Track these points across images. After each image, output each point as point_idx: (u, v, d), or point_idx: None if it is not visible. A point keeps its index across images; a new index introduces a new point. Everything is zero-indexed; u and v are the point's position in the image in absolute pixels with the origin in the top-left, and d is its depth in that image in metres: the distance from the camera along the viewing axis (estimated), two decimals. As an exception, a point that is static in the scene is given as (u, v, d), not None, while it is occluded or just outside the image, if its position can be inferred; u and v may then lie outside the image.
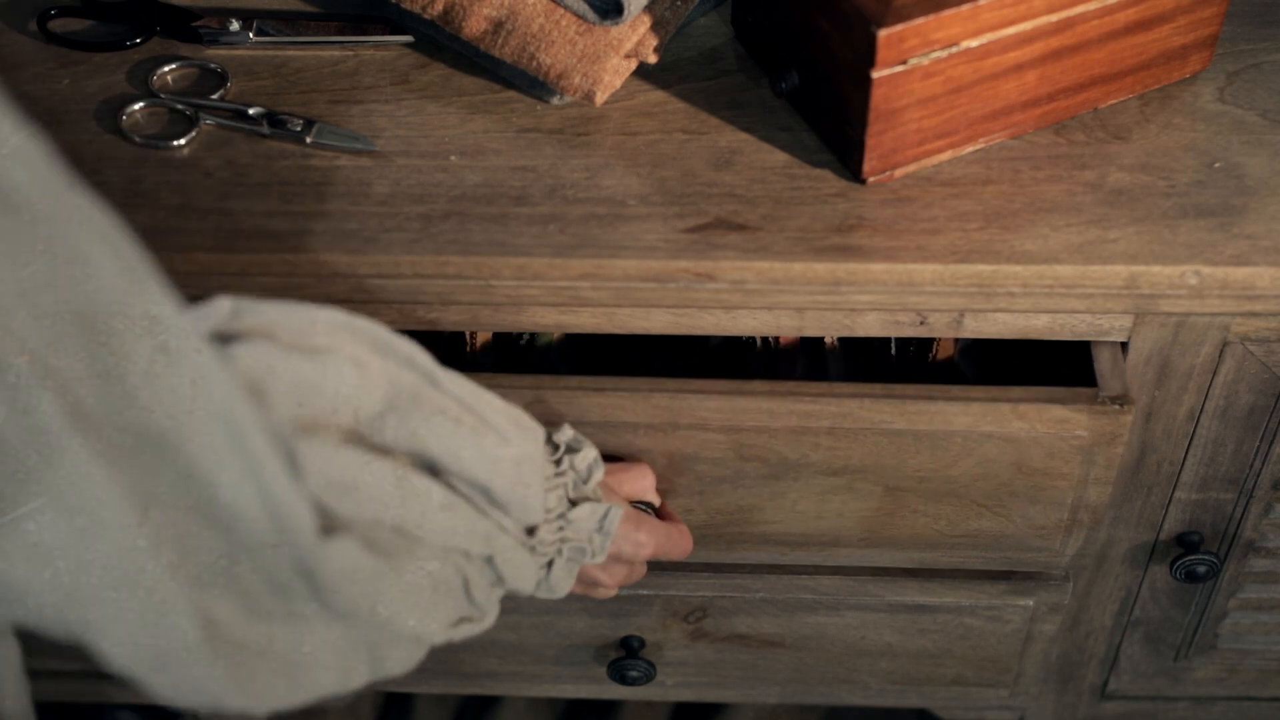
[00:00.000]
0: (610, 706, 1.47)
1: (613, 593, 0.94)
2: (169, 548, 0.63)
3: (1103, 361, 0.94)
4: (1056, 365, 1.01)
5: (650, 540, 0.91)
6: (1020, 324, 0.94)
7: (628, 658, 1.11)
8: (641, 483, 0.95)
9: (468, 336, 1.05)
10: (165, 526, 0.63)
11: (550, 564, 0.85)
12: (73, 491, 0.59)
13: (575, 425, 0.92)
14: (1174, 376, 0.98)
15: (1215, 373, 0.98)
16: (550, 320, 0.94)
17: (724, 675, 1.16)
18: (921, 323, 0.94)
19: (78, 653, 0.66)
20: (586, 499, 0.86)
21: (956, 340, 1.04)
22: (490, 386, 0.86)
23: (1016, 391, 0.92)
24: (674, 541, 0.95)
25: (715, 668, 1.15)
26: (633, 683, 1.12)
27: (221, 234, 0.91)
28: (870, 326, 0.94)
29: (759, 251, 0.90)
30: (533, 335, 1.07)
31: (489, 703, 1.48)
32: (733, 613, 1.10)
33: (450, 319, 0.95)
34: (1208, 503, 1.08)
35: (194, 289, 0.92)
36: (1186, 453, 1.04)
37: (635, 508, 0.94)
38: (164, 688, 0.66)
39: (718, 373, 1.06)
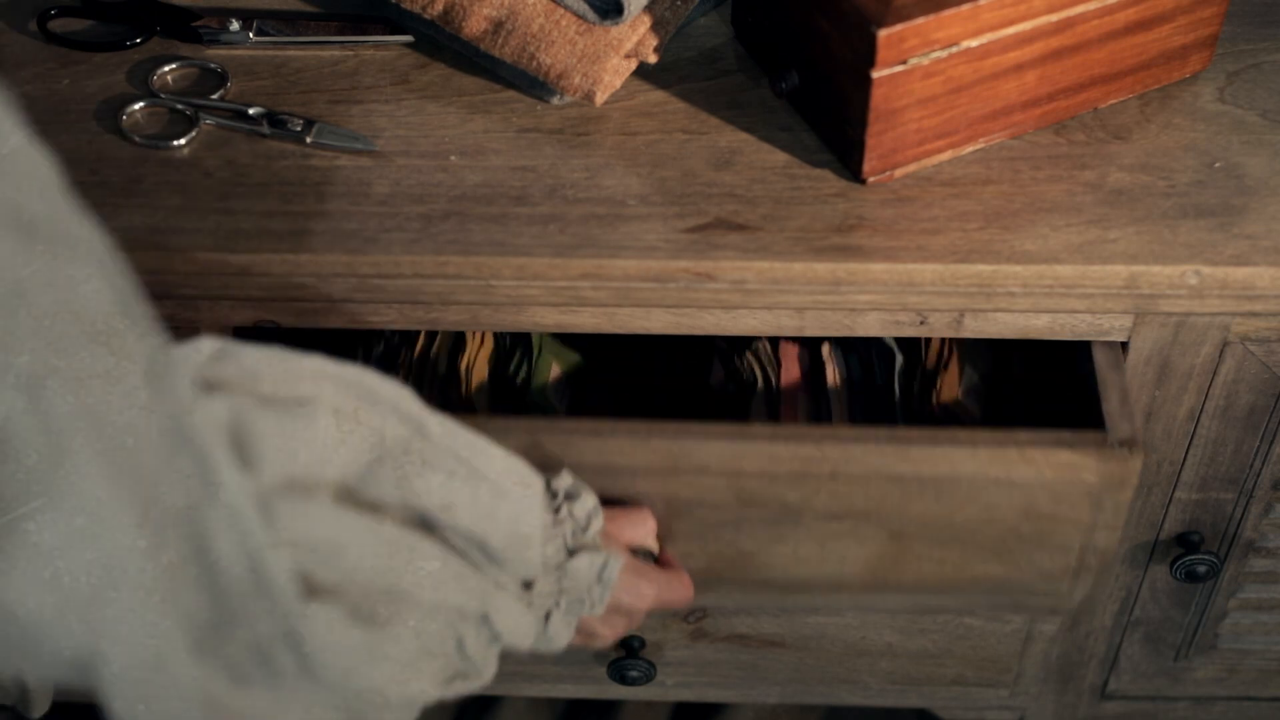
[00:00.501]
0: (610, 706, 1.47)
1: (611, 643, 0.92)
2: (170, 549, 0.63)
3: (1111, 401, 0.92)
4: (1065, 402, 0.98)
5: (651, 590, 0.89)
6: (1020, 324, 0.94)
7: (628, 658, 1.11)
8: (641, 528, 0.93)
9: (462, 376, 1.03)
10: (166, 528, 0.63)
11: (548, 616, 0.83)
12: (72, 492, 0.59)
13: (572, 469, 0.90)
14: (1174, 376, 0.98)
15: (1215, 373, 0.98)
16: (551, 320, 0.94)
17: (724, 675, 1.16)
18: (922, 323, 0.94)
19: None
20: (585, 548, 0.84)
21: (961, 375, 1.01)
22: (484, 430, 0.84)
23: (1023, 435, 0.90)
24: (675, 590, 0.93)
25: (715, 668, 1.15)
26: (633, 683, 1.12)
27: (221, 234, 0.91)
28: (870, 326, 0.94)
29: (759, 251, 0.90)
30: (529, 375, 1.05)
31: (489, 703, 1.48)
32: (733, 613, 1.10)
33: (450, 319, 0.95)
34: (1208, 503, 1.08)
35: (194, 289, 0.92)
36: (1186, 453, 1.04)
37: (635, 555, 0.92)
38: (159, 702, 0.65)
39: (718, 414, 1.04)
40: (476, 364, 1.03)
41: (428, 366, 1.03)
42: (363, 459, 0.73)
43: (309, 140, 0.97)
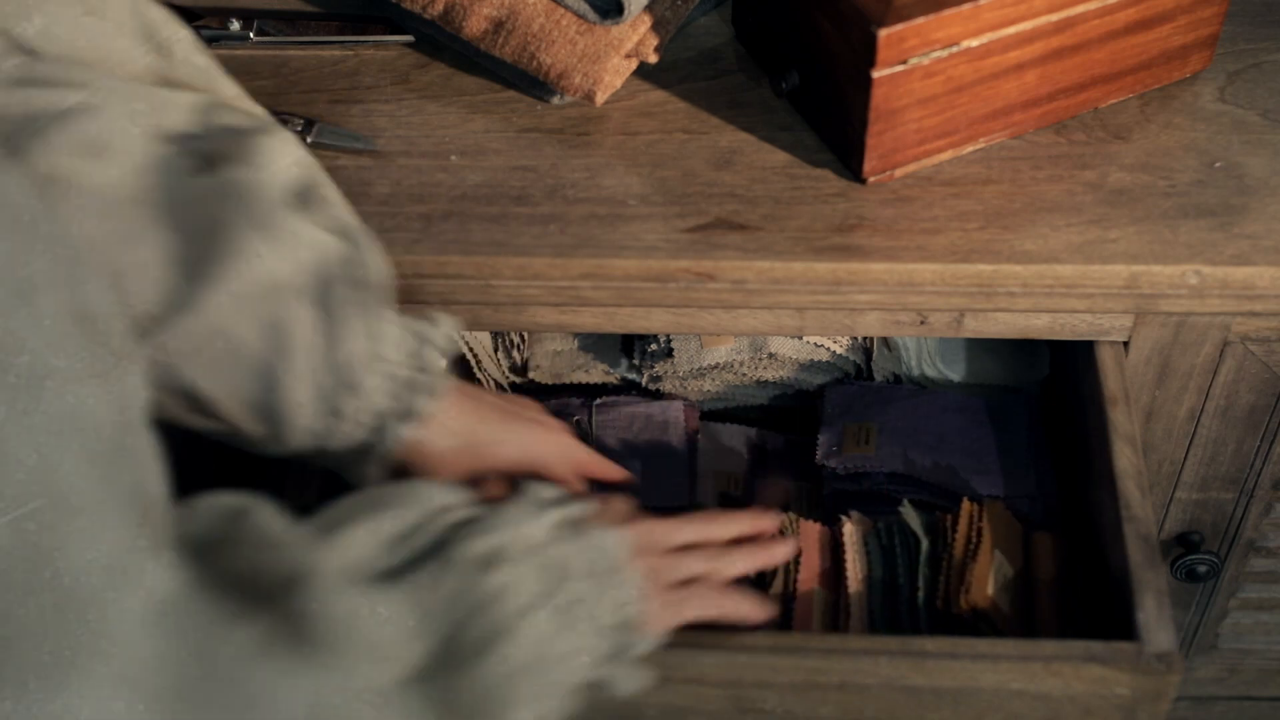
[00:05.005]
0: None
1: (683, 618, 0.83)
2: (170, 549, 0.63)
3: (1147, 607, 0.85)
4: (1095, 596, 0.92)
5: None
6: (1020, 324, 0.94)
7: None
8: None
9: None
10: (167, 528, 0.63)
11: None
12: (73, 491, 0.59)
13: None
14: (1174, 376, 0.98)
15: (1216, 372, 0.98)
16: (551, 320, 0.94)
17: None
18: (922, 322, 0.94)
19: None
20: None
21: (992, 563, 0.92)
22: None
23: (1049, 647, 0.84)
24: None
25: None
26: None
27: (222, 234, 0.91)
28: (871, 326, 0.94)
29: (759, 251, 0.90)
30: None
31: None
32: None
33: (451, 319, 0.95)
34: (1208, 502, 1.08)
35: (194, 289, 0.92)
36: (1187, 452, 1.04)
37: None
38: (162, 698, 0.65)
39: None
40: None
41: None
42: None
43: (309, 140, 0.97)
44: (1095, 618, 0.91)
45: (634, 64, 0.99)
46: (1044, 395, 1.08)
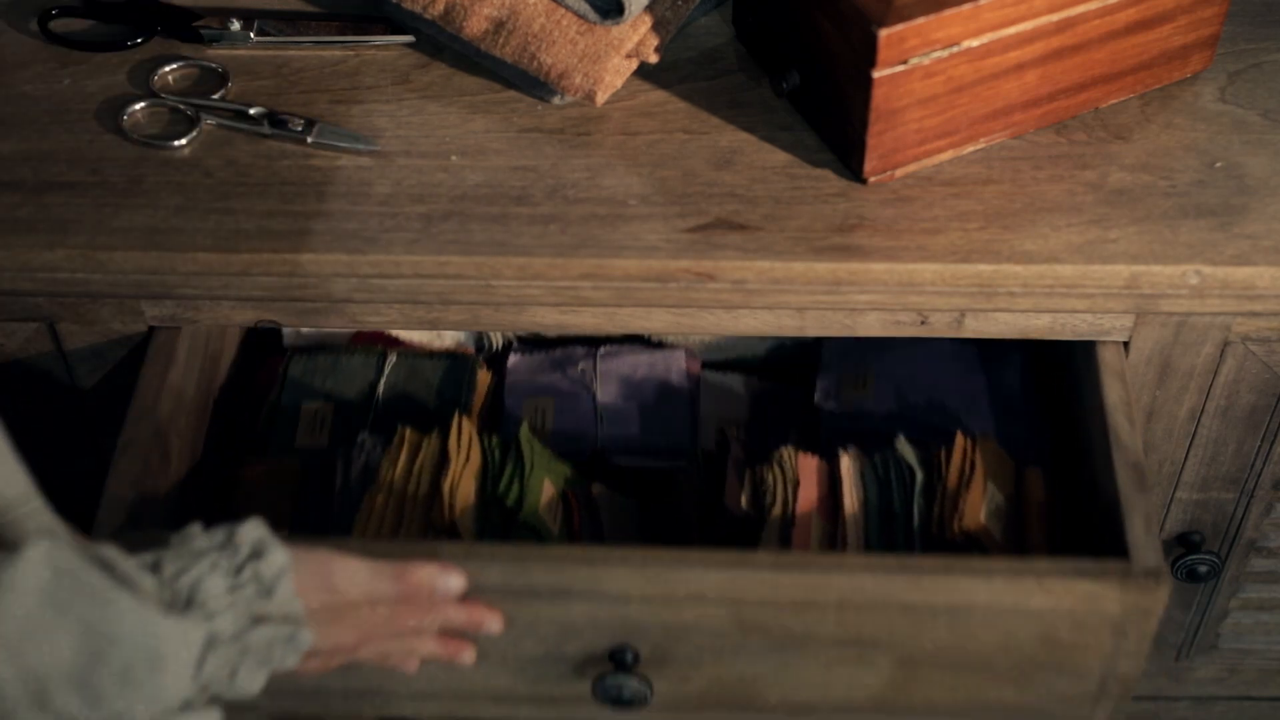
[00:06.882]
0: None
1: (324, 670, 0.83)
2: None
3: (1135, 527, 0.87)
4: (1086, 522, 0.95)
5: (352, 637, 0.81)
6: (1021, 324, 0.94)
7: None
8: (353, 579, 0.81)
9: (446, 497, 0.94)
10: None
11: (233, 673, 0.73)
12: None
13: (561, 596, 0.85)
14: (1175, 376, 0.98)
15: (1216, 372, 0.98)
16: (551, 320, 0.94)
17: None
18: (922, 322, 0.94)
19: None
20: (270, 617, 0.74)
21: (985, 493, 0.95)
22: (470, 555, 0.82)
23: (1042, 564, 0.86)
24: (387, 633, 0.82)
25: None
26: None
27: (222, 234, 0.91)
28: (871, 326, 0.94)
29: (760, 251, 0.90)
30: (521, 495, 0.97)
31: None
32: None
33: (451, 319, 0.95)
34: (1209, 502, 1.08)
35: (194, 289, 0.92)
36: (1188, 452, 1.04)
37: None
38: None
39: (730, 528, 0.99)
40: (461, 483, 0.95)
41: (409, 484, 0.96)
42: None
43: (310, 140, 0.97)
44: (1085, 549, 0.92)
45: (634, 64, 0.99)
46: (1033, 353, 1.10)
